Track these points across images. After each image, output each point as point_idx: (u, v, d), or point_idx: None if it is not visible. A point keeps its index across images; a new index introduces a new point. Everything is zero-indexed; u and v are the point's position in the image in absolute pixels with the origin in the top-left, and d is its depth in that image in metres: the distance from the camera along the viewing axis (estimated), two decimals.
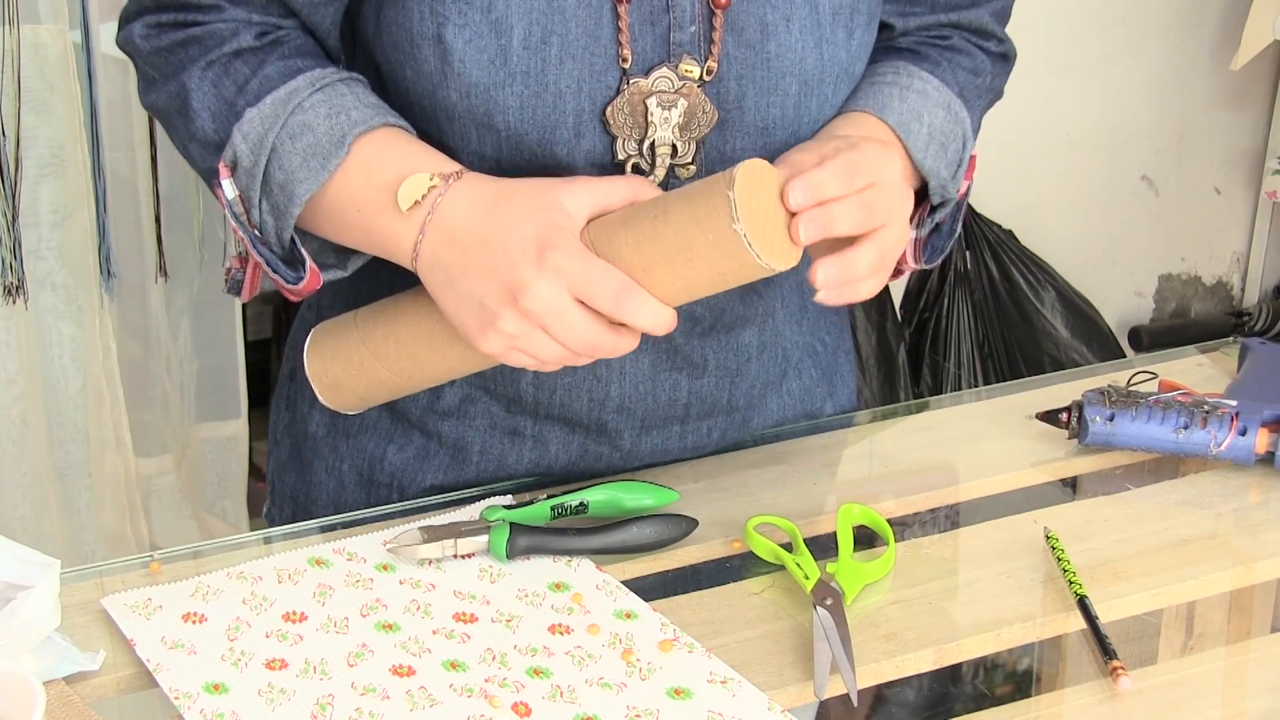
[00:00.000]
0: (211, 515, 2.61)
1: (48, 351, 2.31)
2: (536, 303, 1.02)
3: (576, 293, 1.02)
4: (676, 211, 1.02)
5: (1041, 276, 3.05)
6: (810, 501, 1.22)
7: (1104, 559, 1.14)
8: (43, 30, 2.17)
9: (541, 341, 1.04)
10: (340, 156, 1.08)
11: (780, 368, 1.29)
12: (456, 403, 1.23)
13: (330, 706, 0.96)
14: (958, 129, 1.22)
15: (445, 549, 1.11)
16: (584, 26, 1.09)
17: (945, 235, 1.25)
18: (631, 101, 1.11)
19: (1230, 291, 3.52)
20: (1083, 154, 3.24)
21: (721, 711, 0.97)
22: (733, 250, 1.01)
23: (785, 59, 1.13)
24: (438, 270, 1.06)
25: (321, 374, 1.18)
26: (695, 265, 1.02)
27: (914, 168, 1.19)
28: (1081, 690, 1.04)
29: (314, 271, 1.12)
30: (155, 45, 1.13)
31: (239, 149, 1.10)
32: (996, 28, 1.30)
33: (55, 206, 2.25)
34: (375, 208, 1.08)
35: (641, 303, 1.02)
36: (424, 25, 1.09)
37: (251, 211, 1.11)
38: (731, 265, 1.02)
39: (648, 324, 1.03)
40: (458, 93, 1.09)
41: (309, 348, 1.18)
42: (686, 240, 1.01)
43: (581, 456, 1.24)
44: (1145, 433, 1.26)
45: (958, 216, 1.26)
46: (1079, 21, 3.13)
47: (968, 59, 1.27)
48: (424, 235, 1.07)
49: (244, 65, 1.11)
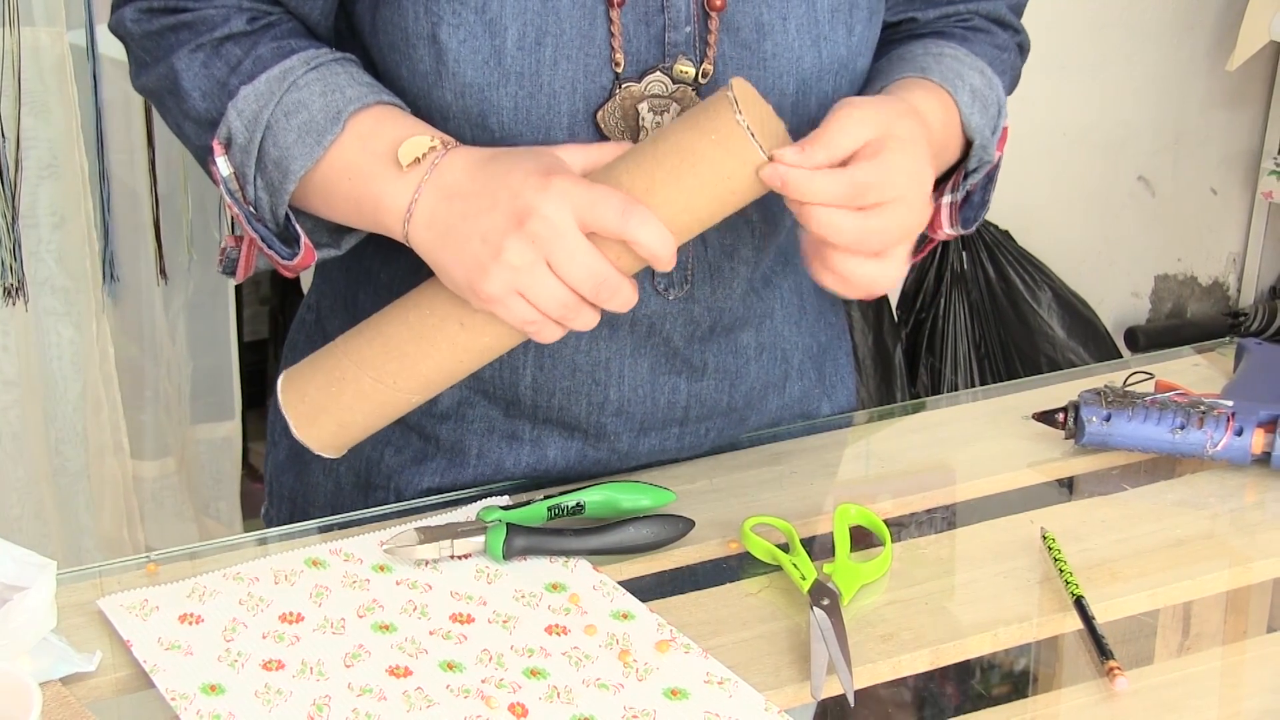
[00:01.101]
0: (207, 516, 2.61)
1: (46, 353, 2.31)
2: (543, 224, 1.01)
3: (581, 214, 1.01)
4: (674, 129, 1.03)
5: (1038, 277, 3.05)
6: (807, 502, 1.22)
7: (1100, 559, 1.14)
8: (41, 33, 2.17)
9: (544, 279, 1.02)
10: (335, 133, 1.08)
11: (781, 369, 1.29)
12: (454, 406, 1.23)
13: (327, 707, 0.96)
14: (993, 94, 1.22)
15: (442, 550, 1.11)
16: (578, 27, 1.09)
17: (976, 206, 1.24)
18: (623, 106, 1.11)
19: (1226, 292, 3.52)
20: (1079, 155, 3.24)
21: (718, 712, 0.97)
22: (736, 145, 1.01)
23: (782, 59, 1.13)
24: (435, 225, 1.05)
25: (297, 401, 1.12)
26: (699, 170, 1.01)
27: (959, 127, 1.18)
28: (1078, 690, 1.05)
29: (308, 247, 1.12)
30: (146, 29, 1.14)
31: (233, 125, 1.10)
32: (1013, 19, 1.31)
33: (54, 209, 2.25)
34: (368, 174, 1.08)
35: (646, 218, 1.01)
36: (419, 25, 1.09)
37: (246, 188, 1.11)
38: (735, 163, 1.01)
39: (653, 242, 1.02)
40: (452, 93, 1.10)
41: (283, 382, 1.13)
42: (688, 146, 1.02)
43: (579, 459, 1.24)
44: (1141, 433, 1.26)
45: (989, 187, 1.24)
46: (1075, 22, 3.14)
47: (989, 36, 1.28)
48: (419, 195, 1.06)
49: (236, 47, 1.11)
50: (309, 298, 1.34)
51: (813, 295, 1.30)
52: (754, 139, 1.01)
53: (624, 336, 1.19)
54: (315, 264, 1.30)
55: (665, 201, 1.03)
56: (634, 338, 1.19)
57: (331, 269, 1.30)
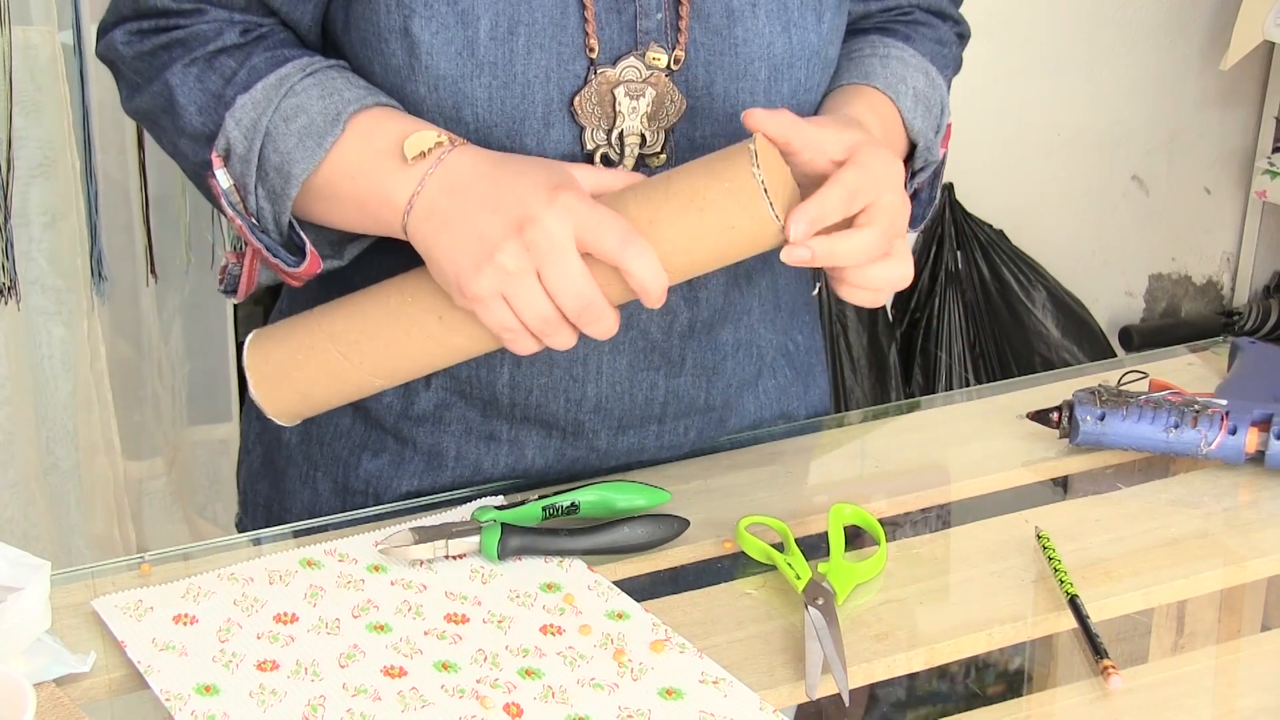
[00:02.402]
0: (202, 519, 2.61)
1: (37, 353, 2.30)
2: (542, 235, 1.01)
3: (582, 233, 1.01)
4: (690, 170, 1.04)
5: (1032, 276, 3.06)
6: (801, 501, 1.22)
7: (1095, 558, 1.14)
8: (33, 32, 2.17)
9: (531, 289, 1.02)
10: (336, 134, 1.08)
11: (755, 367, 1.29)
12: (431, 408, 1.23)
13: (322, 708, 0.96)
14: (936, 94, 1.25)
15: (437, 550, 1.11)
16: (550, 16, 1.09)
17: (924, 203, 1.27)
18: (599, 91, 1.11)
19: (1220, 291, 3.53)
20: (1073, 154, 3.24)
21: (713, 712, 0.97)
22: (748, 198, 1.01)
23: (753, 44, 1.13)
24: (434, 216, 1.05)
25: (261, 363, 1.11)
26: (706, 215, 1.02)
27: (902, 131, 1.21)
28: (1072, 689, 1.05)
29: (313, 254, 1.12)
30: (138, 50, 1.13)
31: (232, 135, 1.10)
32: (952, 9, 1.34)
33: (45, 208, 2.24)
34: (371, 172, 1.08)
35: (644, 250, 1.02)
36: (391, 19, 1.09)
37: (248, 199, 1.11)
38: (743, 217, 1.01)
39: (646, 275, 1.02)
40: (426, 86, 1.10)
41: (251, 340, 1.12)
42: (700, 189, 1.02)
43: (558, 459, 1.24)
44: (1136, 432, 1.26)
45: (936, 184, 1.28)
46: (1069, 22, 3.14)
47: (931, 30, 1.31)
48: (422, 187, 1.06)
49: (230, 59, 1.11)
50: (280, 303, 1.32)
51: (788, 293, 1.30)
52: (766, 195, 1.01)
53: None
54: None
55: (666, 238, 1.03)
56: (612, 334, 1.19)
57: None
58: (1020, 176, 3.15)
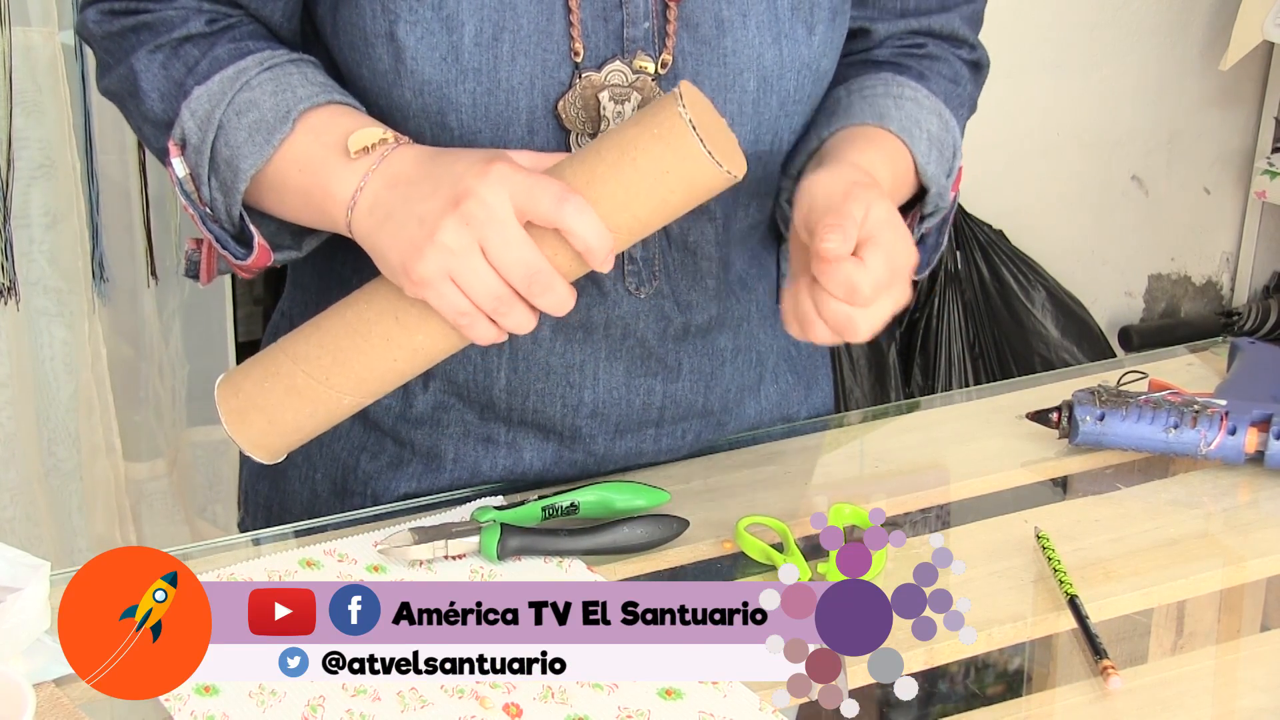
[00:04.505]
0: (202, 520, 2.60)
1: (38, 354, 2.30)
2: (479, 206, 1.00)
3: (518, 200, 1.00)
4: (620, 126, 1.03)
5: (1032, 276, 3.06)
6: (801, 502, 1.22)
7: (1094, 558, 1.14)
8: (33, 32, 2.17)
9: (477, 264, 1.01)
10: (285, 132, 1.08)
11: (756, 372, 1.28)
12: (429, 410, 1.23)
13: (321, 708, 0.96)
14: (949, 137, 1.21)
15: (436, 550, 1.11)
16: (535, 22, 1.09)
17: (930, 249, 1.23)
18: (584, 96, 1.11)
19: (1220, 291, 3.53)
20: (1073, 154, 3.24)
21: (713, 712, 0.97)
22: (677, 138, 1.00)
23: (742, 55, 1.13)
24: (376, 211, 1.05)
25: (230, 396, 1.11)
26: (639, 164, 1.01)
27: (912, 175, 1.18)
28: (1072, 689, 1.05)
29: (262, 247, 1.12)
30: (107, 30, 1.14)
31: (187, 126, 1.10)
32: (969, 34, 1.29)
33: (46, 209, 2.24)
34: (318, 164, 1.08)
35: (582, 208, 1.00)
36: (376, 24, 1.09)
37: (201, 189, 1.11)
38: (675, 159, 1.00)
39: (587, 232, 1.01)
40: (411, 91, 1.10)
41: (221, 378, 1.12)
42: (629, 139, 1.01)
43: (555, 462, 1.23)
44: (1135, 432, 1.26)
45: (943, 230, 1.24)
46: (1069, 22, 3.14)
47: (947, 67, 1.27)
48: (365, 183, 1.06)
49: (194, 48, 1.12)
50: (282, 304, 1.33)
51: None
52: (695, 132, 1.00)
53: (598, 340, 1.19)
54: (289, 273, 1.30)
55: (605, 195, 1.02)
56: (608, 341, 1.19)
57: (304, 275, 1.29)
58: (1020, 177, 3.15)
